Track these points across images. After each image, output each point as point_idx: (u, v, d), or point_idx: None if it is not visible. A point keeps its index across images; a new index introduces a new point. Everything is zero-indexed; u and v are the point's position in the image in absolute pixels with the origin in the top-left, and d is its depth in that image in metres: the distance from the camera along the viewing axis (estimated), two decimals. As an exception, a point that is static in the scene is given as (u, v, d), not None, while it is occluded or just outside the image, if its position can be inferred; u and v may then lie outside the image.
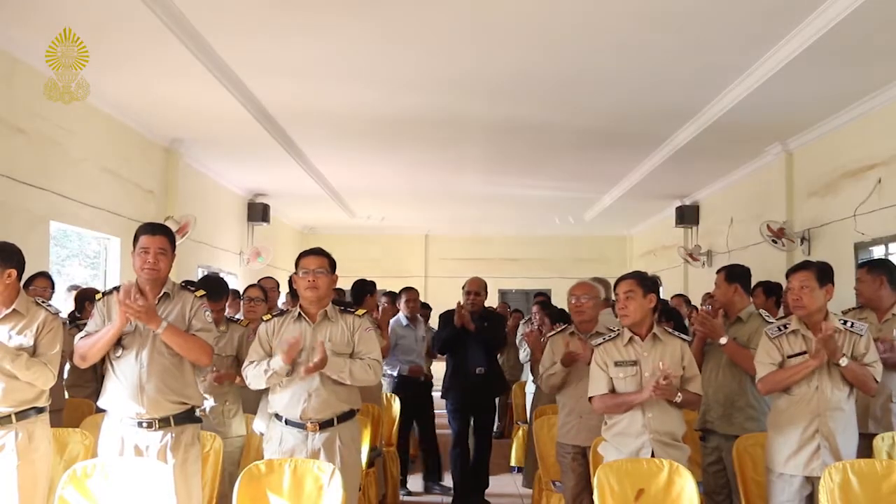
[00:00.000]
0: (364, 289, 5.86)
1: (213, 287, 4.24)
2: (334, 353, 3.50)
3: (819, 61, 5.37)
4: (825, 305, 3.53)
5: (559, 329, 4.45)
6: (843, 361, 3.38)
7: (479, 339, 5.67)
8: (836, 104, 6.57)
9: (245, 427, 4.35)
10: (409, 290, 6.75)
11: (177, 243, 3.58)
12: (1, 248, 3.41)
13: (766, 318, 4.16)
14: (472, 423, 5.92)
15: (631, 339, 3.56)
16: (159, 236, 3.38)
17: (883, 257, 6.06)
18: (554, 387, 4.25)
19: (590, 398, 3.65)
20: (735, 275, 4.29)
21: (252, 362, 3.57)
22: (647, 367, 3.48)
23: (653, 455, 3.41)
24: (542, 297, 8.85)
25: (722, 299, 4.26)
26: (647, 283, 3.59)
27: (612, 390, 3.55)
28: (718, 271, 4.39)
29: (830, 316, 3.53)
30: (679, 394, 3.42)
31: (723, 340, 4.05)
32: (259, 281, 6.01)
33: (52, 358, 3.41)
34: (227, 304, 4.76)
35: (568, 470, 4.15)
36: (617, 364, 3.54)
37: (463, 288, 5.86)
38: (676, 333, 3.65)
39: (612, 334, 3.66)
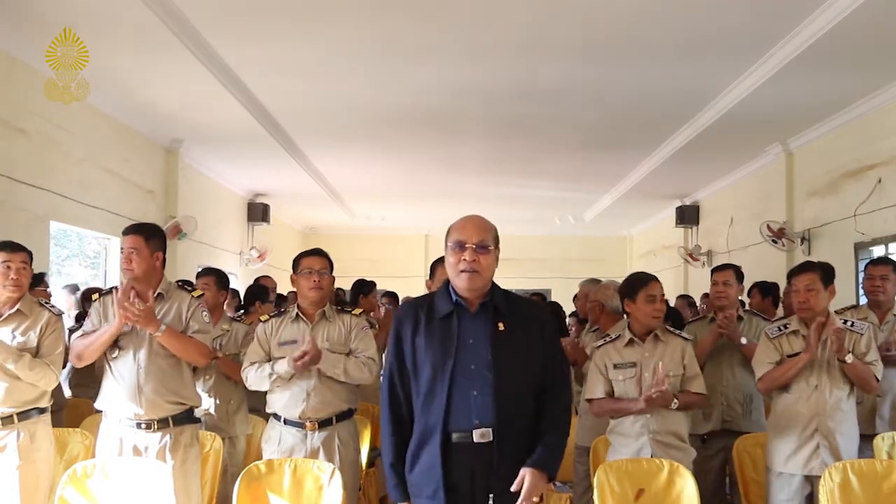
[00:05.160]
0: (360, 289, 5.88)
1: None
2: (330, 352, 3.50)
3: (819, 61, 5.37)
4: (828, 306, 3.55)
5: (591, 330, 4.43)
6: (849, 359, 3.39)
7: (485, 354, 2.47)
8: (836, 104, 6.57)
9: (249, 427, 4.35)
10: None
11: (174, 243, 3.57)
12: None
13: (763, 317, 4.35)
14: None
15: (631, 340, 3.55)
16: (131, 236, 3.37)
17: (885, 256, 6.06)
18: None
19: (588, 400, 3.63)
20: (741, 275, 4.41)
21: (253, 364, 3.56)
22: (648, 369, 3.45)
23: (652, 457, 3.38)
24: (539, 297, 8.84)
25: (733, 297, 4.30)
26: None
27: (610, 393, 3.53)
28: (724, 270, 4.39)
29: (832, 315, 3.54)
30: (675, 401, 3.37)
31: (744, 340, 4.10)
32: (258, 280, 6.01)
33: (55, 359, 3.42)
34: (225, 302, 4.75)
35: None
36: (616, 367, 3.52)
37: (448, 241, 2.55)
38: (677, 332, 3.63)
39: (612, 336, 3.64)
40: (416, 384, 2.50)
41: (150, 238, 3.39)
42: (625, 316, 4.11)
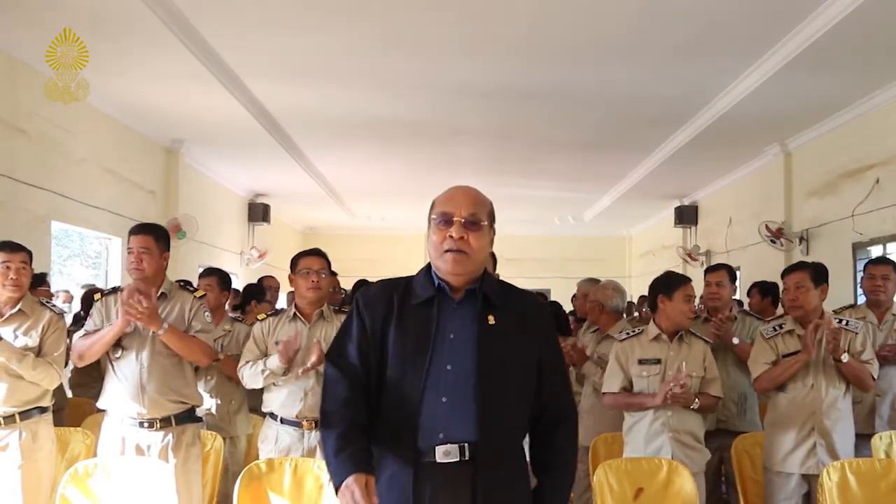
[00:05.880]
0: (358, 289, 5.89)
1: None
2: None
3: (818, 62, 5.38)
4: (820, 305, 3.56)
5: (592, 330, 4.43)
6: (845, 357, 3.40)
7: (468, 354, 1.96)
8: (835, 104, 6.59)
9: (250, 427, 4.36)
10: None
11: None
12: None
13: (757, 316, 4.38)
14: None
15: (658, 336, 3.53)
16: (142, 236, 3.38)
17: (884, 256, 6.06)
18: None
19: (603, 394, 3.62)
20: (734, 275, 4.42)
21: (248, 362, 3.57)
22: (673, 368, 3.44)
23: (672, 456, 3.36)
24: (539, 297, 8.86)
25: (726, 298, 4.31)
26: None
27: (626, 388, 3.52)
28: (717, 271, 4.41)
29: (828, 314, 3.55)
30: (697, 400, 3.38)
31: (735, 340, 4.11)
32: (261, 280, 6.03)
33: (57, 358, 3.43)
34: (227, 302, 4.77)
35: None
36: (641, 362, 3.50)
37: (431, 214, 2.17)
38: (699, 335, 3.62)
39: (637, 330, 3.62)
40: (376, 385, 1.99)
41: (159, 238, 3.43)
42: (624, 315, 4.14)
